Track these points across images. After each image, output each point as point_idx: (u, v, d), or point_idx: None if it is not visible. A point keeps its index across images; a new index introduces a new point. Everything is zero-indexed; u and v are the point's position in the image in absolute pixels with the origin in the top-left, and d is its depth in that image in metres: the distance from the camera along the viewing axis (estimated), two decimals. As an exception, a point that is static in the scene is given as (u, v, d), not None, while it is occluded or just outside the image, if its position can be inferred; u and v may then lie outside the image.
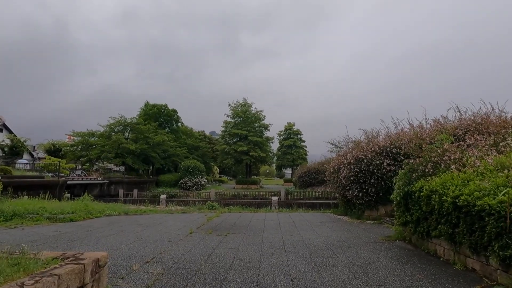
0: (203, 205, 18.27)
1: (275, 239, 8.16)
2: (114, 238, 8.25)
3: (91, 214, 13.12)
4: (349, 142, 14.05)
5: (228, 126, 51.36)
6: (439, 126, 12.17)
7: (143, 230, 9.62)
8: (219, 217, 13.00)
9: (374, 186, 11.44)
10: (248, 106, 51.30)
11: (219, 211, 15.23)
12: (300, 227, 10.16)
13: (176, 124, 55.75)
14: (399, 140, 11.78)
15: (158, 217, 13.23)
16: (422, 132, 11.88)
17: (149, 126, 42.78)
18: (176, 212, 15.13)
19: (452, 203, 5.55)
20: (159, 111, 52.40)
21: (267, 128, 51.95)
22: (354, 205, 12.46)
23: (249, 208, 17.55)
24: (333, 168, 13.62)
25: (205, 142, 64.76)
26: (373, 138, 12.91)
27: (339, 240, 8.08)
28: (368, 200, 11.54)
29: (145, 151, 41.07)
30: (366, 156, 11.59)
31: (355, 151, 12.05)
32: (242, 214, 14.43)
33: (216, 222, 11.39)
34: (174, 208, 17.75)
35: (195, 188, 41.27)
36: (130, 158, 39.39)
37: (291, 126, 67.11)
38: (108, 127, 42.32)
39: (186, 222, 11.51)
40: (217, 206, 17.57)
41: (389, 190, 11.33)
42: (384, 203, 11.68)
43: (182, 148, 49.83)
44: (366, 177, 11.51)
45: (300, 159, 63.04)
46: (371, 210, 11.77)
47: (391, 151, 11.57)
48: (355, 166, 11.70)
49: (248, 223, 11.30)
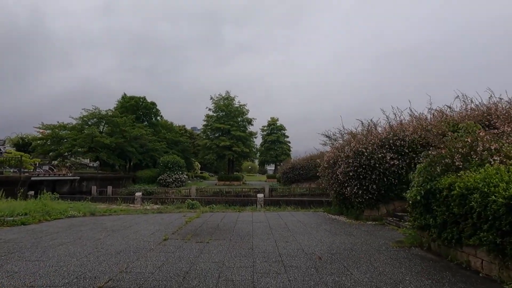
0: (182, 204, 16.63)
1: (268, 248, 6.72)
2: (66, 248, 6.56)
3: (50, 215, 11.24)
4: (344, 134, 12.78)
5: (210, 120, 49.47)
6: (444, 116, 11.08)
7: (107, 236, 7.94)
8: (200, 218, 11.44)
9: (375, 183, 10.20)
10: (231, 100, 49.57)
11: (200, 211, 13.65)
12: (295, 230, 8.77)
13: (155, 118, 53.27)
14: (402, 131, 10.59)
15: (130, 218, 11.51)
16: (427, 122, 10.74)
17: (125, 119, 40.28)
18: (151, 212, 13.43)
19: (504, 205, 4.27)
20: (137, 104, 49.79)
21: (251, 123, 50.44)
22: (351, 204, 11.21)
23: (233, 207, 16.05)
24: (327, 162, 12.31)
25: (186, 137, 62.54)
26: (372, 129, 11.68)
27: (344, 247, 6.73)
28: (368, 198, 10.30)
29: (121, 146, 38.63)
30: (366, 149, 10.32)
31: (354, 143, 10.76)
32: (226, 214, 12.92)
33: (196, 224, 9.83)
34: (150, 207, 16.01)
35: (174, 184, 39.29)
36: (105, 153, 36.88)
37: (274, 121, 65.89)
38: (81, 119, 39.50)
39: (161, 224, 9.89)
40: (198, 205, 15.96)
41: (392, 187, 10.16)
42: (386, 201, 10.48)
43: (162, 143, 47.53)
44: (366, 172, 10.25)
45: (283, 155, 61.97)
46: (371, 210, 10.54)
47: (394, 143, 10.36)
48: (354, 160, 10.42)
49: (233, 225, 9.80)
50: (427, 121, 10.90)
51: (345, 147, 11.09)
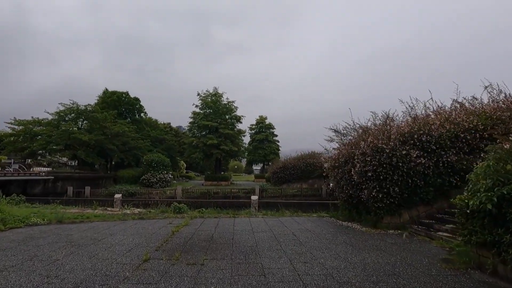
0: (168, 208, 14.75)
1: (285, 272, 5.06)
2: (5, 278, 4.70)
3: (5, 223, 9.23)
4: (357, 128, 11.23)
5: (197, 117, 47.23)
6: (472, 108, 9.71)
7: (69, 255, 6.08)
8: (189, 226, 9.66)
9: (397, 185, 8.68)
10: (219, 96, 47.51)
11: (189, 216, 11.85)
12: (308, 244, 7.13)
13: (138, 114, 50.66)
14: (428, 124, 9.13)
15: (104, 227, 9.61)
16: (455, 115, 9.31)
17: (106, 114, 37.66)
18: (131, 218, 11.53)
19: None
20: (119, 99, 47.08)
21: (240, 120, 48.48)
22: (367, 209, 9.68)
23: (225, 211, 14.30)
24: (336, 160, 10.74)
25: (171, 135, 60.10)
26: (391, 123, 10.20)
27: (384, 271, 5.13)
28: (389, 202, 8.77)
29: (101, 143, 36.08)
30: (387, 144, 8.79)
31: (371, 138, 9.22)
32: (219, 220, 11.17)
33: (185, 235, 8.06)
34: (130, 212, 14.06)
35: (159, 185, 37.06)
36: (83, 151, 34.25)
37: (263, 120, 64.21)
38: (57, 114, 36.65)
39: (142, 235, 8.06)
40: (186, 209, 14.12)
41: (417, 190, 8.68)
42: (408, 206, 8.98)
43: (145, 141, 45.04)
44: (387, 172, 8.72)
45: (272, 154, 60.33)
46: (391, 216, 9.02)
47: (419, 138, 8.87)
48: (373, 158, 8.88)
49: (231, 235, 8.08)
50: (454, 113, 9.47)
51: (360, 142, 9.54)
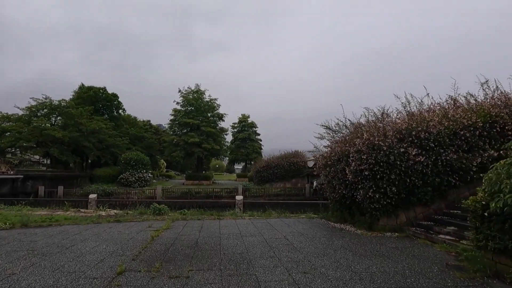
0: (147, 209, 13.76)
1: (283, 285, 4.39)
2: None
3: (-43, 229, 8.10)
4: (348, 125, 10.70)
5: (178, 114, 45.82)
6: (469, 105, 9.39)
7: (27, 268, 5.16)
8: (170, 230, 8.83)
9: (394, 184, 8.20)
10: (201, 94, 46.29)
11: (170, 218, 10.98)
12: (304, 250, 6.49)
13: (117, 111, 48.57)
14: (425, 121, 8.71)
15: (75, 231, 8.62)
16: (453, 112, 8.95)
17: (81, 110, 35.70)
18: (106, 221, 10.55)
19: None
20: (96, 95, 44.91)
21: (222, 118, 47.42)
22: (361, 210, 9.16)
23: (208, 212, 13.47)
24: (329, 158, 10.17)
25: (151, 133, 58.27)
26: (386, 118, 9.74)
27: (396, 282, 4.56)
28: (386, 203, 8.27)
29: (76, 140, 34.15)
30: (384, 141, 8.29)
31: (366, 135, 8.70)
32: (203, 222, 10.38)
33: (166, 241, 7.24)
34: (106, 213, 13.00)
35: (138, 184, 35.60)
36: (56, 148, 32.24)
37: (245, 118, 63.40)
38: (28, 110, 34.41)
39: (117, 242, 7.18)
40: (166, 210, 13.20)
41: (414, 190, 8.24)
42: (406, 207, 8.52)
43: (123, 138, 43.23)
44: (384, 171, 8.22)
45: (254, 153, 59.67)
46: (388, 217, 8.54)
47: (417, 135, 8.43)
48: (369, 156, 8.35)
49: (217, 240, 7.33)
50: (452, 110, 9.10)
51: (355, 139, 9.00)
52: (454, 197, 8.61)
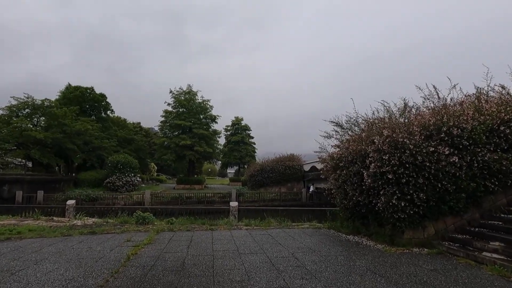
0: (130, 217, 12.20)
1: None
2: None
3: None
4: (363, 121, 9.36)
5: (169, 116, 44.09)
6: (504, 98, 8.14)
7: None
8: (152, 245, 7.32)
9: (423, 190, 6.86)
10: (193, 95, 44.66)
11: (155, 229, 9.46)
12: (322, 275, 5.06)
13: (105, 112, 46.51)
14: (456, 115, 7.41)
15: (35, 247, 7.05)
16: (487, 105, 7.67)
17: (66, 110, 33.69)
18: (79, 233, 8.97)
19: None
20: (83, 95, 42.87)
21: (215, 120, 45.78)
22: (380, 221, 7.79)
23: (200, 220, 11.95)
24: (341, 160, 8.78)
25: (141, 135, 56.19)
26: (410, 111, 8.43)
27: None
28: (412, 213, 6.91)
29: (60, 142, 32.16)
30: (411, 139, 6.95)
31: (387, 131, 7.35)
32: (193, 234, 8.89)
33: (145, 262, 5.74)
34: (82, 223, 11.37)
35: (125, 188, 33.73)
36: (38, 150, 30.22)
37: (239, 121, 61.93)
38: (8, 109, 32.36)
39: (82, 263, 5.65)
40: (151, 218, 11.64)
41: (445, 196, 6.88)
42: (435, 217, 7.17)
43: (111, 140, 41.28)
44: (410, 174, 6.87)
45: (248, 157, 58.24)
46: (414, 230, 7.18)
47: (448, 131, 7.12)
48: (391, 157, 7.00)
49: (210, 261, 5.86)
50: (486, 104, 7.82)
51: (373, 137, 7.64)
52: (489, 205, 7.30)
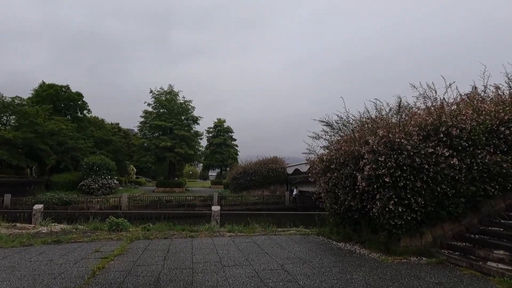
0: (103, 223, 11.24)
1: None
2: None
3: None
4: (354, 120, 8.88)
5: (149, 117, 42.68)
6: (500, 97, 7.85)
7: None
8: (124, 256, 6.50)
9: (421, 194, 6.39)
10: (175, 95, 43.46)
11: (129, 237, 8.59)
12: (317, 291, 4.45)
13: (81, 112, 44.54)
14: (453, 115, 7.03)
15: (-16, 260, 6.08)
16: (483, 104, 7.32)
17: (38, 109, 31.88)
18: (41, 242, 8.00)
19: None
20: (58, 94, 40.88)
21: (197, 121, 44.71)
22: (375, 227, 7.28)
23: (179, 226, 11.13)
24: (332, 162, 8.24)
25: (119, 136, 54.32)
26: (404, 110, 8.01)
27: None
28: (409, 219, 6.43)
29: (31, 142, 30.38)
30: (408, 139, 6.49)
31: (383, 131, 6.86)
32: (170, 242, 8.10)
33: (113, 279, 4.94)
34: (48, 229, 10.32)
35: (101, 191, 32.15)
36: (5, 151, 28.37)
37: (221, 123, 61.01)
38: (-26, 107, 30.34)
39: (37, 280, 4.79)
40: (126, 224, 10.72)
41: (444, 201, 6.44)
42: (433, 223, 6.73)
43: (87, 141, 39.50)
44: (407, 177, 6.40)
45: (230, 159, 57.35)
46: (411, 237, 6.70)
47: (447, 132, 6.70)
48: (388, 158, 6.50)
49: (189, 276, 5.13)
50: (484, 103, 7.48)
51: (367, 137, 7.14)
52: (488, 210, 6.94)
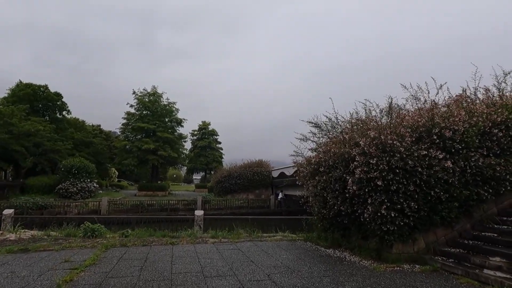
0: (78, 229, 10.53)
1: None
2: None
3: None
4: (343, 122, 8.59)
5: (132, 118, 41.58)
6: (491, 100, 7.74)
7: None
8: (96, 266, 5.92)
9: (414, 199, 6.13)
10: (158, 97, 42.52)
11: (104, 245, 7.97)
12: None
13: (60, 113, 42.93)
14: (445, 117, 6.83)
15: None
16: (479, 106, 7.18)
17: (13, 109, 30.42)
18: (6, 251, 7.28)
19: None
20: (35, 94, 39.28)
21: (181, 124, 43.88)
22: (365, 233, 6.97)
23: (160, 232, 10.55)
24: (321, 164, 7.90)
25: (100, 138, 52.74)
26: (394, 112, 7.77)
27: None
28: (402, 224, 6.15)
29: (5, 143, 28.92)
30: (401, 141, 6.22)
31: (374, 132, 6.58)
32: (149, 250, 7.54)
33: (81, 293, 4.40)
34: (15, 237, 9.54)
35: (80, 195, 30.88)
36: (-23, 152, 26.97)
37: (206, 125, 60.34)
38: None
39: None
40: (102, 231, 10.06)
41: (437, 205, 6.20)
42: (425, 228, 6.47)
43: (66, 143, 38.04)
44: (400, 181, 6.12)
45: (215, 162, 56.70)
46: (404, 243, 6.42)
47: (440, 134, 6.48)
48: (379, 161, 6.21)
49: (167, 289, 4.64)
50: (477, 104, 7.33)
51: (358, 139, 6.84)
52: (480, 215, 6.76)
